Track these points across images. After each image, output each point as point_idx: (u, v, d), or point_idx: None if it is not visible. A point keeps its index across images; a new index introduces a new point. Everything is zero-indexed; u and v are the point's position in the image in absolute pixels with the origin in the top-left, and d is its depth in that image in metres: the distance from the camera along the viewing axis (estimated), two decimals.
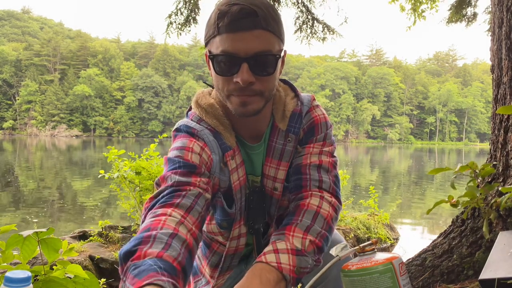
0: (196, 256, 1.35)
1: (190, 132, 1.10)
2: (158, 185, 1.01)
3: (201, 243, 1.32)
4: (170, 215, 0.89)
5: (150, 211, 0.92)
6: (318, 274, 0.99)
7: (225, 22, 0.96)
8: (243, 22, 0.95)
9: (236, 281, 1.42)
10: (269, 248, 0.98)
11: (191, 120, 1.14)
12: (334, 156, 1.18)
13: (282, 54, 1.05)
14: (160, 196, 0.95)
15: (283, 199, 1.21)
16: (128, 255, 0.80)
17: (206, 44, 1.05)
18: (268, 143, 1.16)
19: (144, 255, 0.78)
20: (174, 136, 1.13)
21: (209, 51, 1.03)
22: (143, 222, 0.91)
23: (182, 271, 0.80)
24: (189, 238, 0.88)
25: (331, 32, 5.91)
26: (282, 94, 1.18)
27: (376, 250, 1.02)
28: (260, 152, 1.17)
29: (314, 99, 1.23)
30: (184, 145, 1.05)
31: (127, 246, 0.83)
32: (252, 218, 1.18)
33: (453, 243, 2.07)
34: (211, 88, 1.20)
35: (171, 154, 1.06)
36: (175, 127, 1.14)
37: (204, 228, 1.27)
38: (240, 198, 1.16)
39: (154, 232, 0.83)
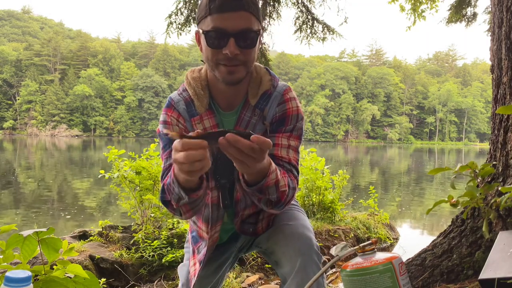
0: (192, 223, 1.54)
1: (169, 104, 1.37)
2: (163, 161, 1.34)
3: None
4: None
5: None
6: (317, 275, 0.99)
7: (216, 4, 1.16)
8: (230, 4, 1.16)
9: (225, 256, 1.51)
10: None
11: (179, 89, 1.40)
12: (298, 153, 1.37)
13: (260, 33, 1.25)
14: (164, 175, 1.29)
15: None
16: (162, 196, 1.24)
17: (198, 24, 1.25)
18: (239, 115, 1.35)
19: None
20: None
21: (201, 29, 1.22)
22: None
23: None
24: None
25: (331, 32, 5.92)
26: (260, 76, 1.37)
27: (376, 250, 1.02)
28: (231, 120, 1.37)
29: (290, 90, 1.39)
30: (165, 119, 1.35)
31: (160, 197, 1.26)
32: (218, 173, 1.35)
33: (453, 243, 2.07)
34: (202, 66, 1.41)
35: (160, 127, 1.36)
36: None
37: None
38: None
39: None
